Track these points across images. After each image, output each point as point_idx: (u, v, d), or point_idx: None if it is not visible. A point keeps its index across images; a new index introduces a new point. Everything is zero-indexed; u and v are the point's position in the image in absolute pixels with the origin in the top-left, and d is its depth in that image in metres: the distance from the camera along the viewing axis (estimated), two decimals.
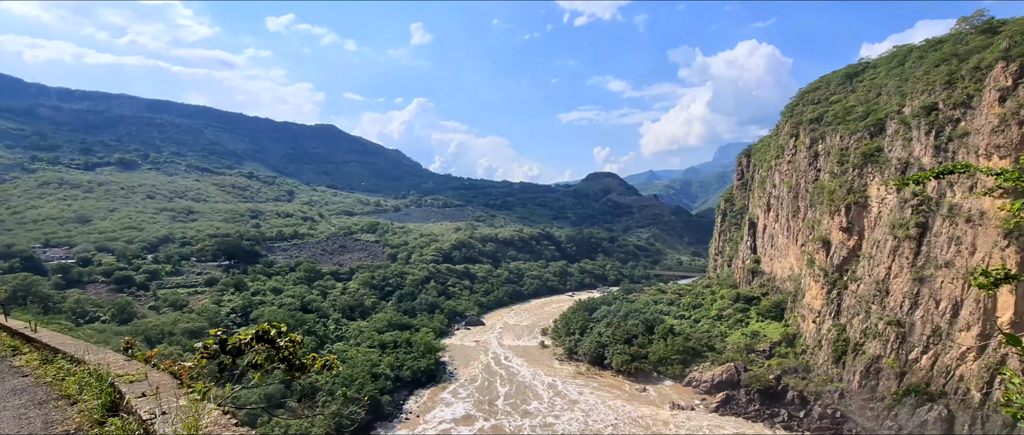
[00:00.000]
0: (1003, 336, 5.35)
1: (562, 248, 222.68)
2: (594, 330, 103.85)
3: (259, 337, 6.39)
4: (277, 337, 6.48)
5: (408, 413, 77.18)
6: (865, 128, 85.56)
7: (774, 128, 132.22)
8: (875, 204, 79.29)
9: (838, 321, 79.96)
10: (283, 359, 6.47)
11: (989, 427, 57.24)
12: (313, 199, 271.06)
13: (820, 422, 70.72)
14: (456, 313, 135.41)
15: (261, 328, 6.40)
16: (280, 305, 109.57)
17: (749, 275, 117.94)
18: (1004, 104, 62.78)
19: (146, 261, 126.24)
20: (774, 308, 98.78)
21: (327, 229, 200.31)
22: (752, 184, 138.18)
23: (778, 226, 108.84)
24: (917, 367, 66.25)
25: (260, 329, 6.41)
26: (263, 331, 6.40)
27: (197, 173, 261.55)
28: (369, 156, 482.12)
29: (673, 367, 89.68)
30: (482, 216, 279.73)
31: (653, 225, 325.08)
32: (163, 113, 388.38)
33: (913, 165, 73.81)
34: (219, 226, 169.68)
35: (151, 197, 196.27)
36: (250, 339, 6.37)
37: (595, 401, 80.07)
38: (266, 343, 6.39)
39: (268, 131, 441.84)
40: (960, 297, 63.08)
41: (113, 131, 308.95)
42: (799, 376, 79.13)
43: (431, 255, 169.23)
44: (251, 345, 6.35)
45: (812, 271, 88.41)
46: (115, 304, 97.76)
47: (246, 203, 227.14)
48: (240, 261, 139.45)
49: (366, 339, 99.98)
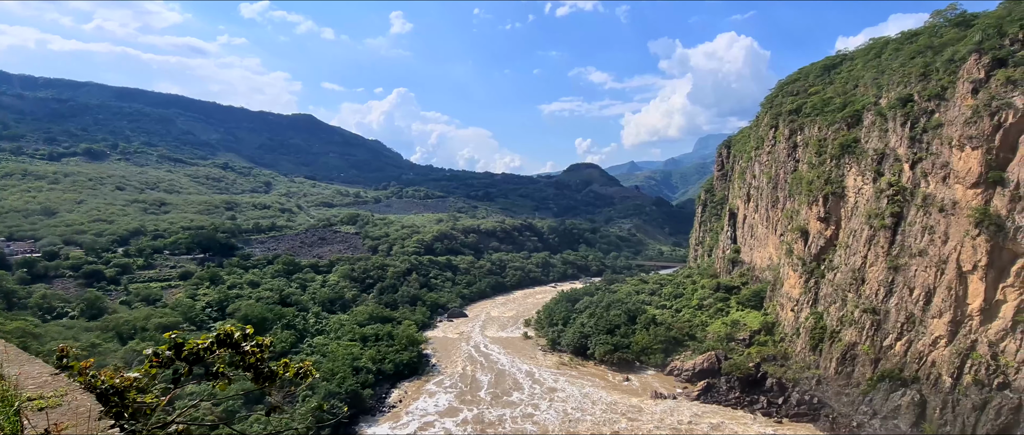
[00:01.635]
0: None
1: (544, 239, 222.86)
2: (577, 321, 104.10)
3: (221, 341, 5.59)
4: (242, 341, 5.69)
5: (391, 406, 76.34)
6: (842, 119, 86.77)
7: (754, 119, 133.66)
8: (852, 194, 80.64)
9: (816, 309, 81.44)
10: (249, 366, 5.70)
11: (959, 410, 58.97)
12: (291, 190, 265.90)
13: (798, 408, 72.12)
14: (438, 305, 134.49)
15: (223, 331, 5.61)
16: (258, 299, 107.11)
17: (729, 265, 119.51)
18: (977, 96, 64.06)
19: (116, 255, 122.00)
20: (754, 297, 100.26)
21: (306, 221, 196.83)
22: (732, 175, 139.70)
23: (758, 216, 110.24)
24: (891, 353, 67.86)
25: (222, 332, 5.62)
26: (225, 334, 5.60)
27: (169, 164, 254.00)
28: (349, 147, 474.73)
29: (655, 356, 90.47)
30: (464, 207, 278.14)
31: (635, 216, 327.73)
32: (132, 102, 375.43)
33: (889, 156, 75.14)
34: (193, 218, 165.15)
35: (121, 189, 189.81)
36: (210, 344, 5.57)
37: (574, 391, 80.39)
38: (229, 348, 5.62)
39: (243, 121, 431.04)
40: (933, 285, 64.61)
41: (79, 120, 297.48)
42: (778, 364, 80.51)
43: (413, 247, 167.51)
44: (212, 350, 5.56)
45: (790, 260, 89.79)
46: (84, 299, 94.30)
47: (221, 195, 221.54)
48: (216, 254, 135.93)
49: (347, 332, 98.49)
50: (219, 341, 5.56)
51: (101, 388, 4.91)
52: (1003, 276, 58.75)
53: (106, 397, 4.85)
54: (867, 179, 77.66)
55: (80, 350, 23.16)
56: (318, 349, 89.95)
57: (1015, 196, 58.24)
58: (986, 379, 57.79)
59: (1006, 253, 58.65)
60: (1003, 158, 60.07)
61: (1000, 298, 58.85)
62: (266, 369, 5.78)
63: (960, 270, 61.76)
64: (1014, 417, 55.11)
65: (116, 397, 4.84)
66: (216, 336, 5.58)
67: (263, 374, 5.77)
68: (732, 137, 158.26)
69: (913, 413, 62.37)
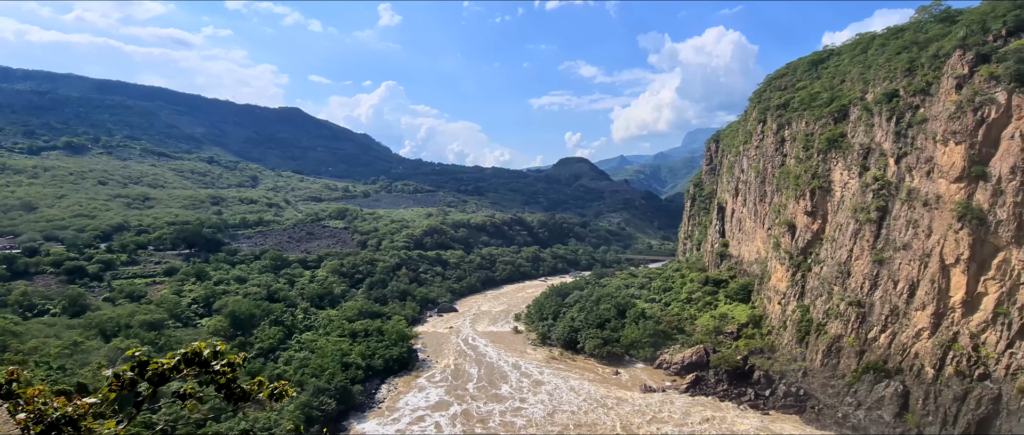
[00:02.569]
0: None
1: (534, 233, 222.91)
2: (567, 315, 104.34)
3: (188, 360, 5.26)
4: (212, 359, 5.36)
5: (380, 402, 76.00)
6: (829, 114, 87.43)
7: (742, 114, 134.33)
8: (838, 189, 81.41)
9: (802, 302, 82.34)
10: (220, 386, 5.38)
11: (940, 401, 60.07)
12: (278, 185, 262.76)
13: (784, 400, 73.01)
14: (428, 300, 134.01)
15: (191, 349, 5.27)
16: (245, 295, 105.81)
17: (717, 258, 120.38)
18: (960, 91, 64.81)
19: (99, 250, 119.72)
20: (741, 290, 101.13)
21: (293, 216, 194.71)
22: (720, 169, 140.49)
23: (746, 210, 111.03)
24: (876, 345, 68.87)
25: (190, 350, 5.28)
26: (193, 352, 5.26)
27: (153, 158, 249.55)
28: (337, 141, 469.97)
29: (644, 350, 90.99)
30: (454, 202, 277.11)
31: (624, 210, 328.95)
32: (114, 94, 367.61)
33: (874, 150, 75.90)
34: (178, 213, 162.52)
35: (103, 183, 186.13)
36: (177, 363, 5.24)
37: (559, 383, 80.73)
38: (198, 367, 5.29)
39: (229, 114, 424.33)
40: (917, 278, 65.56)
41: (60, 113, 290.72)
42: (765, 356, 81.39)
43: (402, 242, 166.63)
44: (178, 370, 5.23)
45: (778, 254, 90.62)
46: (66, 296, 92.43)
47: (207, 189, 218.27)
48: (201, 249, 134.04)
49: (336, 328, 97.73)
50: (186, 360, 5.23)
51: (50, 418, 4.54)
52: (984, 269, 59.76)
53: (57, 429, 4.48)
54: (853, 173, 78.44)
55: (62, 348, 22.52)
56: (307, 345, 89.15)
57: (997, 190, 59.14)
58: (967, 370, 58.87)
59: (987, 246, 59.62)
60: (986, 153, 60.91)
61: (982, 291, 59.86)
62: (238, 389, 5.46)
63: (943, 263, 62.70)
64: (994, 407, 56.25)
65: (70, 427, 4.50)
66: (183, 354, 5.25)
67: (236, 393, 5.45)
68: (721, 131, 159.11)
69: (896, 404, 63.43)
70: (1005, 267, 58.16)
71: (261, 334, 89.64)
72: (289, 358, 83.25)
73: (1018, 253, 57.32)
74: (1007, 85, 59.63)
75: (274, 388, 5.82)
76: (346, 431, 67.59)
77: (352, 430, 67.88)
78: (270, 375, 76.90)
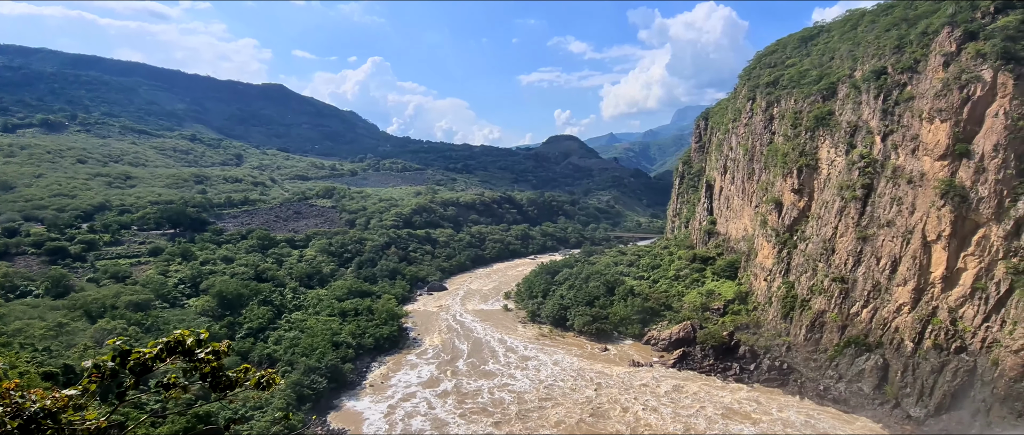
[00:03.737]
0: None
1: (524, 211, 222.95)
2: (556, 293, 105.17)
3: (171, 349, 5.05)
4: (196, 347, 5.16)
5: (372, 380, 76.54)
6: (818, 92, 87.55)
7: (732, 91, 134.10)
8: (825, 166, 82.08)
9: (787, 279, 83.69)
10: (205, 374, 5.19)
11: (918, 373, 61.91)
12: (263, 163, 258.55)
13: (768, 374, 74.78)
14: (418, 279, 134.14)
15: (173, 338, 5.06)
16: (232, 275, 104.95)
17: (705, 236, 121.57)
18: (947, 69, 65.12)
19: (81, 230, 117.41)
20: (728, 268, 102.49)
21: (280, 195, 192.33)
22: (709, 147, 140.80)
23: (734, 188, 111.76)
24: (858, 320, 70.47)
25: (172, 339, 5.06)
26: (176, 341, 5.05)
27: (133, 135, 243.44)
28: (322, 118, 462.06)
29: (633, 326, 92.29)
30: (443, 180, 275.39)
31: (613, 188, 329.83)
32: (90, 70, 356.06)
33: (861, 128, 76.37)
34: (161, 192, 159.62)
35: (82, 162, 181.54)
36: (160, 352, 5.02)
37: (546, 359, 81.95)
38: (181, 356, 5.09)
39: (210, 90, 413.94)
40: (899, 254, 66.81)
41: (33, 90, 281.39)
42: (750, 332, 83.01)
43: (391, 220, 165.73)
44: (161, 359, 5.02)
45: (764, 232, 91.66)
46: (49, 277, 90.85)
47: (190, 167, 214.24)
48: (186, 229, 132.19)
49: (325, 307, 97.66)
50: (169, 349, 5.02)
51: (29, 412, 4.32)
52: (965, 245, 61.02)
53: (35, 422, 4.27)
54: (840, 151, 79.02)
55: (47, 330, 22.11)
56: (296, 325, 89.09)
57: (979, 168, 60.01)
58: (945, 343, 60.58)
59: (968, 223, 60.77)
60: (970, 130, 61.58)
61: (961, 266, 61.23)
62: (224, 378, 5.28)
63: (925, 240, 63.88)
64: (968, 378, 58.14)
65: (49, 420, 4.29)
66: (166, 343, 5.04)
67: (222, 382, 5.27)
68: (710, 109, 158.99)
69: (876, 376, 65.31)
70: (984, 243, 59.42)
71: (250, 314, 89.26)
72: (279, 338, 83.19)
73: (997, 229, 58.53)
74: (993, 63, 59.99)
75: (261, 376, 5.64)
76: (338, 409, 68.12)
77: (344, 407, 68.42)
78: (260, 355, 76.94)
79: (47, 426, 4.32)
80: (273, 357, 76.66)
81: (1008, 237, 57.70)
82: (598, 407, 66.30)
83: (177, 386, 5.14)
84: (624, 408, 66.04)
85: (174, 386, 5.12)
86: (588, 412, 65.03)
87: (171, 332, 5.23)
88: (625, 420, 63.03)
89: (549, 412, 65.06)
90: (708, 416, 63.76)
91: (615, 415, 64.24)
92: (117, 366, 4.89)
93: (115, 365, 4.88)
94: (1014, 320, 55.55)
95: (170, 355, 5.07)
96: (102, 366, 4.81)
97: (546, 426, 61.71)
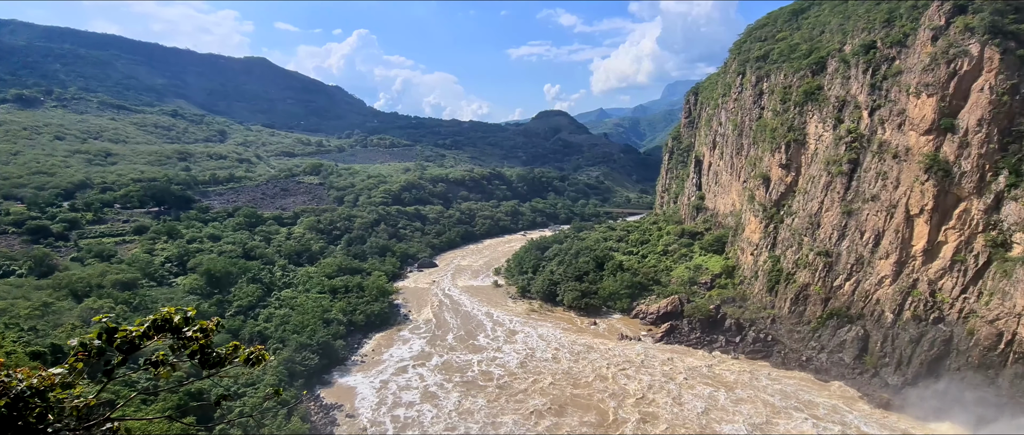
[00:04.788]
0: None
1: (513, 188, 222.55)
2: (546, 268, 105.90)
3: (158, 327, 4.97)
4: (183, 325, 5.08)
5: (364, 356, 77.13)
6: (808, 66, 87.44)
7: (722, 66, 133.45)
8: (813, 141, 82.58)
9: (773, 253, 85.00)
10: (194, 352, 5.12)
11: (897, 343, 63.78)
12: (248, 139, 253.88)
13: (753, 345, 76.56)
14: (408, 255, 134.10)
15: (160, 316, 4.97)
16: (220, 253, 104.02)
17: (694, 211, 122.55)
18: (936, 43, 65.29)
19: (62, 209, 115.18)
20: (716, 242, 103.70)
21: (266, 171, 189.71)
22: (699, 122, 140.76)
23: (722, 163, 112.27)
24: (840, 293, 72.07)
25: (159, 317, 4.98)
26: (163, 319, 4.97)
27: (112, 111, 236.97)
28: (308, 93, 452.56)
29: (622, 301, 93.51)
30: (431, 156, 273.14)
31: (603, 163, 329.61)
32: (64, 42, 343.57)
33: (850, 103, 76.70)
34: (144, 170, 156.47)
35: (60, 138, 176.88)
36: (147, 329, 4.94)
37: (531, 333, 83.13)
38: (169, 333, 5.01)
39: (191, 65, 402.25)
40: (883, 228, 68.01)
41: (6, 64, 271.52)
42: (736, 305, 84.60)
43: (380, 197, 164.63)
44: (149, 337, 4.94)
45: (752, 207, 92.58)
46: (31, 256, 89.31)
47: (172, 144, 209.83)
48: (171, 207, 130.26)
49: (315, 285, 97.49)
50: (157, 327, 4.94)
51: (16, 391, 4.24)
52: (946, 219, 62.27)
53: (22, 401, 4.19)
54: (828, 126, 79.45)
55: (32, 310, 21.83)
56: (286, 302, 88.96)
57: (963, 142, 60.82)
58: (924, 314, 62.32)
59: (950, 197, 61.89)
60: (955, 105, 62.15)
61: (942, 239, 62.58)
62: (213, 355, 5.21)
63: (908, 214, 65.00)
64: (945, 348, 60.06)
65: (36, 399, 4.22)
66: (153, 321, 4.95)
67: (211, 360, 5.21)
68: (700, 84, 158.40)
69: (857, 347, 67.19)
70: (965, 217, 60.66)
71: (239, 292, 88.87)
72: (269, 315, 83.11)
73: (978, 203, 59.69)
74: (981, 37, 60.23)
75: (251, 354, 5.58)
76: (330, 385, 68.71)
77: (336, 383, 69.02)
78: (251, 333, 76.94)
79: (35, 405, 4.25)
80: (264, 334, 76.70)
81: (988, 210, 58.92)
82: (581, 378, 67.60)
83: (166, 364, 5.07)
84: (602, 376, 67.50)
85: (163, 364, 5.05)
86: (572, 383, 66.32)
87: (159, 310, 5.12)
88: (608, 390, 64.41)
89: (536, 384, 66.23)
90: (687, 384, 65.36)
91: (598, 386, 65.59)
92: (104, 344, 4.80)
93: (102, 343, 4.79)
94: (990, 291, 57.18)
95: (158, 333, 4.99)
96: (89, 344, 4.72)
97: (534, 397, 62.89)
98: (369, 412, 61.17)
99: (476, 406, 61.49)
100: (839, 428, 55.46)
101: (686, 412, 59.37)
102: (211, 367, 5.27)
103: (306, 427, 55.47)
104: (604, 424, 57.64)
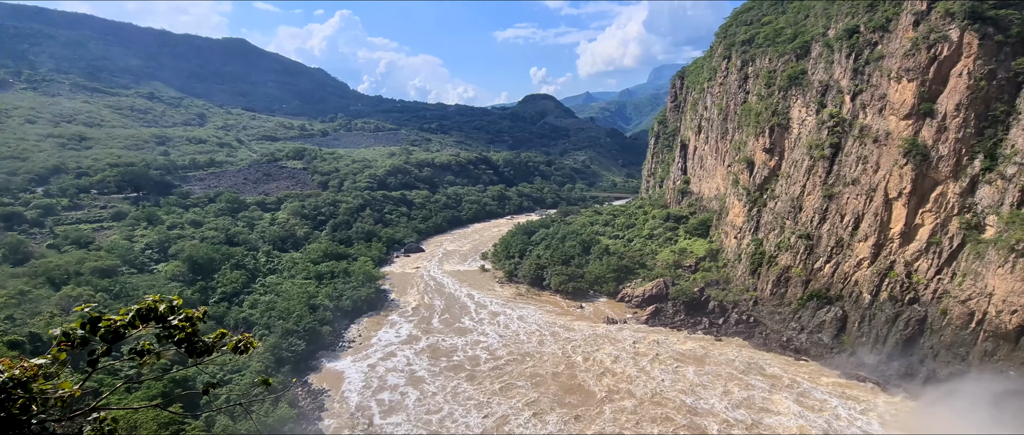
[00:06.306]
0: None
1: (500, 172, 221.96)
2: (533, 252, 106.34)
3: (143, 316, 4.89)
4: (169, 314, 5.00)
5: (351, 341, 77.09)
6: (792, 50, 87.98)
7: (708, 50, 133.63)
8: (796, 126, 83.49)
9: (756, 236, 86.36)
10: (180, 341, 5.05)
11: (874, 323, 65.59)
12: (228, 123, 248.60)
13: (736, 327, 78.16)
14: (394, 240, 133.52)
15: (145, 304, 4.88)
16: (202, 239, 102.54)
17: (679, 195, 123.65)
18: (917, 28, 66.00)
19: (36, 195, 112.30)
20: (700, 226, 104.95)
21: (248, 156, 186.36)
22: (685, 106, 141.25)
23: (707, 148, 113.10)
24: (820, 275, 73.67)
25: (144, 306, 4.89)
26: (148, 308, 4.88)
27: (85, 93, 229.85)
28: (289, 76, 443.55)
29: (608, 284, 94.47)
30: (417, 140, 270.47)
31: (589, 148, 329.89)
32: (33, 21, 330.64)
33: (832, 88, 77.50)
34: (120, 154, 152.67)
35: (32, 122, 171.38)
36: (132, 318, 4.86)
37: (516, 316, 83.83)
38: (154, 322, 4.93)
39: (166, 45, 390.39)
40: (862, 211, 69.40)
41: None
42: (720, 288, 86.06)
43: (365, 182, 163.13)
44: (134, 326, 4.86)
45: (736, 190, 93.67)
46: (5, 244, 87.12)
47: (149, 128, 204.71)
48: (150, 192, 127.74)
49: (301, 271, 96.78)
50: (142, 316, 4.85)
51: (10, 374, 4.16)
52: (923, 202, 63.70)
53: (4, 392, 4.10)
54: (811, 111, 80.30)
55: (8, 298, 21.38)
56: (272, 288, 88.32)
57: (941, 127, 61.98)
58: (899, 295, 64.06)
59: (928, 180, 63.25)
60: (935, 90, 63.16)
61: (919, 222, 64.10)
62: (199, 343, 5.15)
63: (887, 197, 66.35)
64: (919, 327, 61.93)
65: (19, 390, 4.13)
66: (138, 310, 4.87)
67: (197, 348, 5.15)
68: (686, 68, 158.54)
69: (835, 327, 68.97)
70: (941, 200, 62.12)
71: (223, 279, 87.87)
72: (254, 301, 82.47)
73: (954, 187, 61.13)
74: (961, 22, 61.01)
75: (238, 341, 5.53)
76: (318, 370, 68.67)
77: (324, 368, 69.00)
78: (235, 319, 76.32)
79: (17, 396, 4.16)
80: (249, 321, 76.17)
81: (963, 194, 60.40)
82: (568, 359, 68.51)
83: (151, 352, 5.00)
84: (585, 357, 68.48)
85: (148, 352, 4.98)
86: (559, 365, 67.20)
87: (142, 298, 5.04)
88: (592, 370, 65.41)
89: (520, 365, 66.98)
90: (663, 362, 66.68)
91: (584, 367, 66.55)
92: (87, 333, 4.71)
93: (85, 333, 4.70)
94: (963, 272, 58.92)
95: (143, 322, 4.91)
96: (71, 334, 4.63)
97: (521, 380, 63.62)
98: (356, 396, 61.37)
99: (461, 389, 62.04)
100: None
101: (662, 387, 60.61)
102: (198, 355, 5.21)
103: (294, 412, 55.48)
104: (586, 403, 58.65)
